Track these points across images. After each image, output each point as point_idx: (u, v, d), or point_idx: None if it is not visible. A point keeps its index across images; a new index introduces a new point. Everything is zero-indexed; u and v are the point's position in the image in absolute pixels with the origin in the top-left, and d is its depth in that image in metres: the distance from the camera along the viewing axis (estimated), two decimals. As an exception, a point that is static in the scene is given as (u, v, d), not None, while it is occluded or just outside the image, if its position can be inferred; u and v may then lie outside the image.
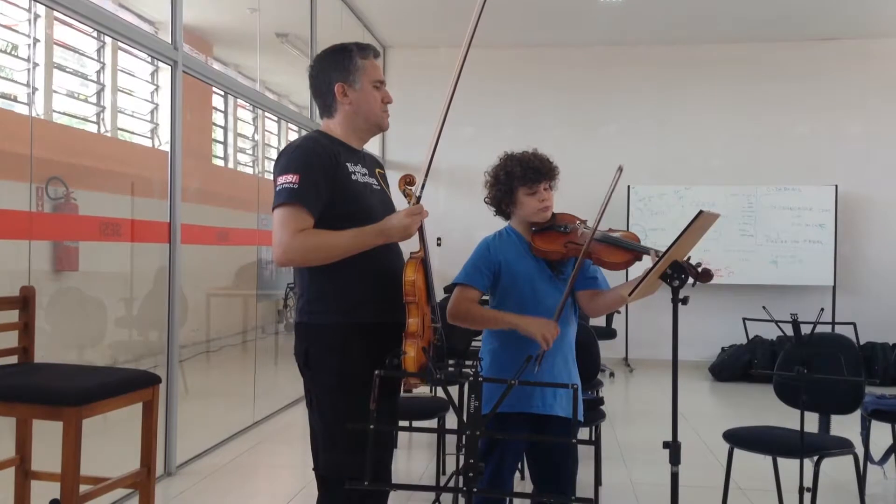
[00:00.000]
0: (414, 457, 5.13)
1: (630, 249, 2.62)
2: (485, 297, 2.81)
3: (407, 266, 2.36)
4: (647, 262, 2.54)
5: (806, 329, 3.28)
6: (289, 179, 2.29)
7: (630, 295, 2.52)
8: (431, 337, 2.42)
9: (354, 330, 2.35)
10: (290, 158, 2.35)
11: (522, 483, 4.06)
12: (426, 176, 2.44)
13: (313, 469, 2.47)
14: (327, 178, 2.33)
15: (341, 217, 2.32)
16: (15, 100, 6.14)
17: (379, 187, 2.55)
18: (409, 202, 2.40)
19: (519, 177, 2.71)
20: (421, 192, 2.42)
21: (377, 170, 2.61)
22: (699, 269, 2.49)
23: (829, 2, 7.70)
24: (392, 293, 2.35)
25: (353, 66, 2.47)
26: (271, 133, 9.25)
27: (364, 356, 2.33)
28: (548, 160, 2.77)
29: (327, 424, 2.37)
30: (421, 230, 2.40)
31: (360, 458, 2.26)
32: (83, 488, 2.64)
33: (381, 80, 2.53)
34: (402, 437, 5.38)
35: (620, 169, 2.61)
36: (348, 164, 2.41)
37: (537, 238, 2.73)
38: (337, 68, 2.47)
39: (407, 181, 2.44)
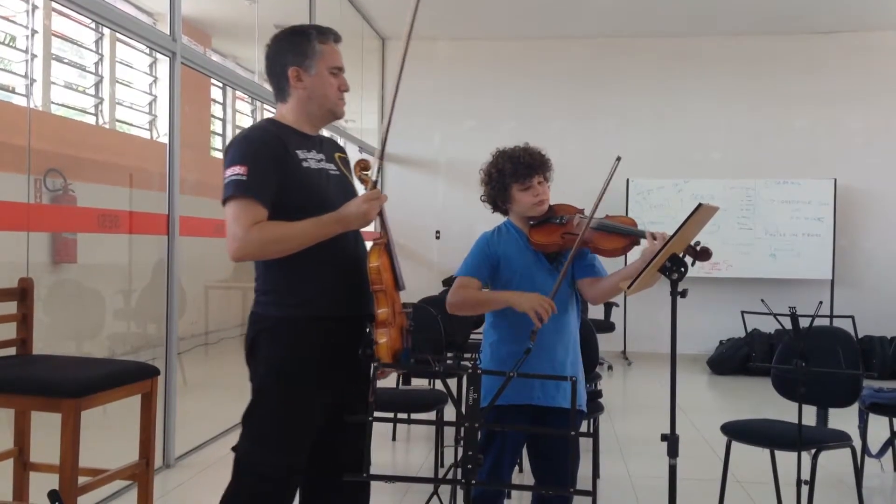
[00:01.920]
0: (412, 449, 5.13)
1: (626, 234, 2.62)
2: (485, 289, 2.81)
3: (370, 253, 2.30)
4: (644, 246, 2.54)
5: (804, 322, 3.28)
6: (237, 171, 2.21)
7: (629, 288, 2.52)
8: (404, 323, 2.36)
9: (305, 323, 2.28)
10: (237, 149, 2.27)
11: (521, 476, 4.06)
12: (381, 159, 2.38)
13: (232, 448, 2.41)
14: (277, 168, 2.26)
15: (295, 207, 2.25)
16: (13, 91, 6.13)
17: (338, 172, 2.46)
18: (366, 187, 2.32)
19: (510, 173, 2.70)
20: (377, 175, 2.36)
21: (337, 154, 2.52)
22: (697, 248, 2.49)
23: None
24: (353, 283, 2.30)
25: (310, 49, 2.37)
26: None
27: (313, 350, 2.27)
28: (539, 153, 2.76)
29: (258, 413, 2.31)
30: (381, 215, 2.34)
31: (288, 453, 2.26)
32: (82, 480, 2.65)
33: (340, 67, 2.43)
34: (401, 429, 5.39)
35: (618, 159, 2.61)
36: (299, 152, 2.33)
37: (534, 232, 2.73)
38: (293, 51, 2.37)
39: (362, 166, 2.39)
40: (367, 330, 2.28)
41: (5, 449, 3.01)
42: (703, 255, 2.49)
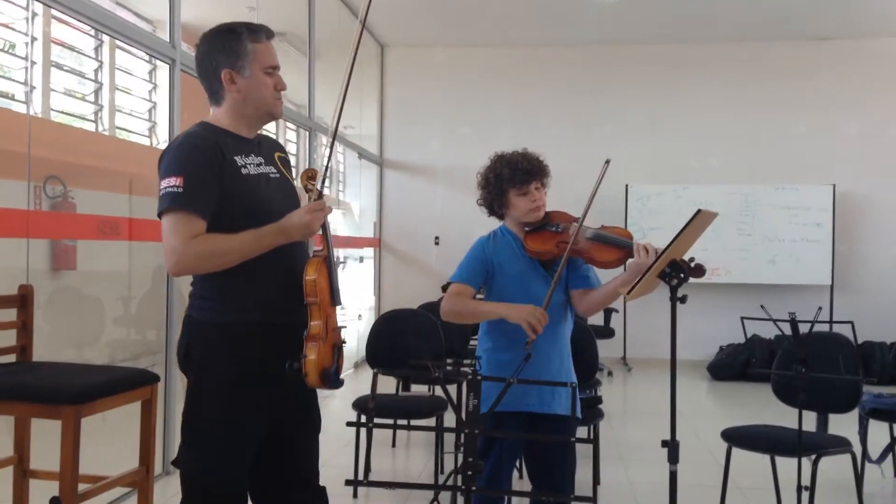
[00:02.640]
0: (412, 456, 5.13)
1: (619, 246, 2.61)
2: (480, 296, 2.81)
3: (308, 265, 2.22)
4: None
5: (804, 328, 3.28)
6: (171, 183, 2.12)
7: (628, 294, 2.52)
8: (337, 339, 2.29)
9: (241, 328, 2.22)
10: (171, 159, 2.18)
11: (521, 482, 4.06)
12: (326, 169, 2.30)
13: (172, 462, 2.40)
14: (214, 178, 2.16)
15: (236, 215, 2.17)
16: (12, 98, 6.13)
17: (278, 175, 2.36)
18: (310, 198, 2.24)
19: (508, 178, 2.70)
20: (322, 186, 2.27)
21: (277, 154, 2.42)
22: (692, 265, 2.49)
23: (826, 1, 7.70)
24: (290, 294, 2.22)
25: (241, 49, 2.25)
26: (269, 131, 9.24)
27: (250, 357, 2.21)
28: (537, 159, 2.76)
29: (197, 423, 2.26)
30: (325, 227, 2.26)
31: (227, 462, 2.23)
32: (82, 487, 2.64)
33: (275, 66, 2.31)
34: (401, 435, 5.38)
35: (607, 162, 2.61)
36: (237, 158, 2.24)
37: (530, 239, 2.72)
38: (224, 51, 2.25)
39: (308, 175, 2.29)
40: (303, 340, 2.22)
41: (5, 456, 3.00)
42: (697, 271, 2.48)
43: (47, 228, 4.30)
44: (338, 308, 2.34)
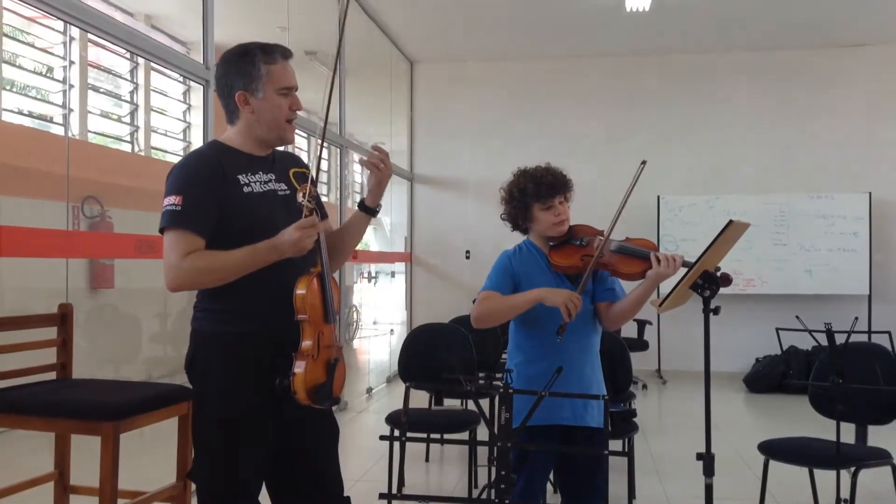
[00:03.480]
0: (446, 470, 5.12)
1: (641, 258, 2.60)
2: None
3: (299, 281, 2.22)
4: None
5: (840, 338, 3.24)
6: (171, 201, 2.18)
7: (660, 306, 2.51)
8: (331, 356, 2.28)
9: (244, 340, 2.25)
10: (174, 179, 2.23)
11: (556, 496, 4.04)
12: (314, 185, 2.28)
13: (186, 475, 2.40)
14: (214, 195, 2.21)
15: (238, 232, 2.21)
16: (51, 121, 6.28)
17: (287, 192, 2.37)
18: (304, 214, 2.22)
19: (532, 193, 2.71)
20: (313, 203, 2.24)
21: (293, 170, 2.40)
22: (718, 274, 2.47)
23: (862, 8, 7.62)
24: (289, 307, 2.23)
25: (255, 72, 2.29)
26: (301, 150, 9.34)
27: (249, 368, 2.24)
28: (561, 174, 2.76)
29: (205, 434, 2.30)
30: (319, 243, 2.26)
31: (235, 472, 2.25)
32: (121, 502, 2.69)
33: (290, 87, 2.33)
34: (434, 450, 5.38)
35: (643, 163, 2.61)
36: (241, 176, 2.27)
37: (554, 253, 2.72)
38: (239, 73, 2.30)
39: (303, 192, 2.27)
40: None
41: (46, 472, 3.06)
42: (724, 280, 2.47)
43: (86, 248, 4.38)
44: (334, 325, 2.35)
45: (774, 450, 3.57)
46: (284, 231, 2.19)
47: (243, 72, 2.30)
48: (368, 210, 2.47)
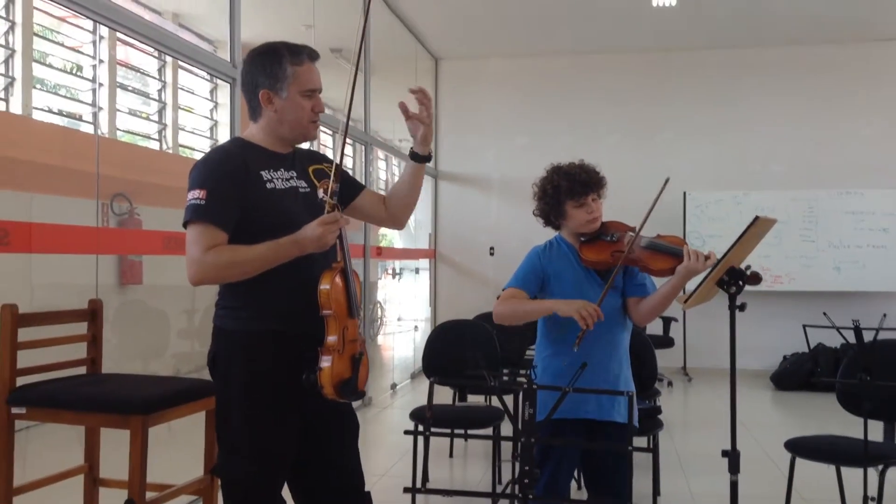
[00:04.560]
0: (470, 466, 5.14)
1: (672, 254, 2.60)
2: None
3: (322, 276, 2.24)
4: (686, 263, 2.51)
5: (868, 335, 3.21)
6: (196, 195, 2.20)
7: (686, 302, 2.51)
8: (356, 351, 2.30)
9: (265, 337, 2.27)
10: (198, 173, 2.25)
11: (579, 493, 4.04)
12: (336, 182, 2.28)
13: (211, 470, 2.42)
14: (237, 190, 2.23)
15: (261, 228, 2.22)
16: (80, 119, 6.36)
17: (308, 189, 2.39)
18: (326, 210, 2.24)
19: (566, 190, 2.72)
20: (335, 199, 2.26)
21: (312, 167, 2.45)
22: (748, 273, 2.46)
23: (891, 2, 7.52)
24: (311, 303, 2.24)
25: (281, 72, 2.31)
26: (326, 147, 9.39)
27: (273, 365, 2.26)
28: (594, 171, 2.77)
29: (229, 430, 2.32)
30: (341, 239, 2.27)
31: (259, 468, 2.26)
32: (150, 495, 2.73)
33: (314, 89, 2.36)
34: (458, 445, 5.40)
35: (667, 181, 2.61)
36: (263, 173, 2.30)
37: (585, 248, 2.73)
38: (264, 73, 2.32)
39: (324, 188, 2.29)
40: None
41: (76, 465, 3.11)
42: (753, 279, 2.46)
43: (115, 244, 4.44)
44: (358, 319, 2.36)
45: (801, 447, 3.55)
46: (307, 226, 2.20)
47: (269, 71, 2.32)
48: (420, 158, 2.49)
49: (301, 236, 2.19)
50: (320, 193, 2.30)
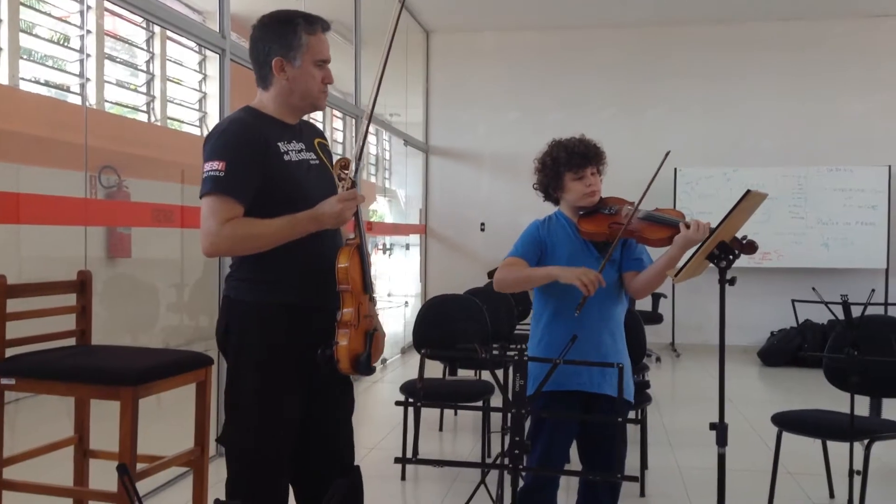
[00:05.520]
0: (459, 439, 5.17)
1: (669, 225, 2.60)
2: None
3: (340, 253, 2.26)
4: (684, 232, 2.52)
5: (857, 311, 3.23)
6: (214, 167, 2.18)
7: (676, 276, 2.51)
8: (369, 326, 2.33)
9: (277, 309, 2.27)
10: (215, 143, 2.24)
11: (570, 466, 4.07)
12: (359, 160, 2.33)
13: (216, 439, 2.43)
14: (256, 163, 2.22)
15: (276, 200, 2.22)
16: (68, 90, 6.29)
17: (317, 162, 2.41)
18: (342, 187, 2.25)
19: (565, 162, 2.73)
20: (355, 175, 2.28)
21: (317, 140, 2.47)
22: (744, 241, 2.47)
23: (883, -23, 7.50)
24: (324, 278, 2.26)
25: (296, 41, 2.29)
26: (316, 120, 9.33)
27: (285, 337, 2.27)
28: (594, 145, 2.79)
29: (236, 400, 2.33)
30: (357, 216, 2.30)
31: (267, 439, 2.29)
32: (140, 466, 2.73)
33: (326, 59, 2.35)
34: (448, 420, 5.43)
35: (668, 154, 2.63)
36: (280, 144, 2.29)
37: (583, 221, 2.75)
38: (278, 41, 2.30)
39: (342, 165, 2.29)
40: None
41: (66, 437, 3.11)
42: (749, 248, 2.47)
43: (104, 216, 4.41)
44: (372, 296, 2.39)
45: (788, 421, 3.58)
46: (326, 202, 2.21)
47: (283, 39, 2.30)
48: None
49: (320, 212, 2.20)
50: (337, 170, 2.29)
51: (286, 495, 2.40)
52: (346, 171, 2.27)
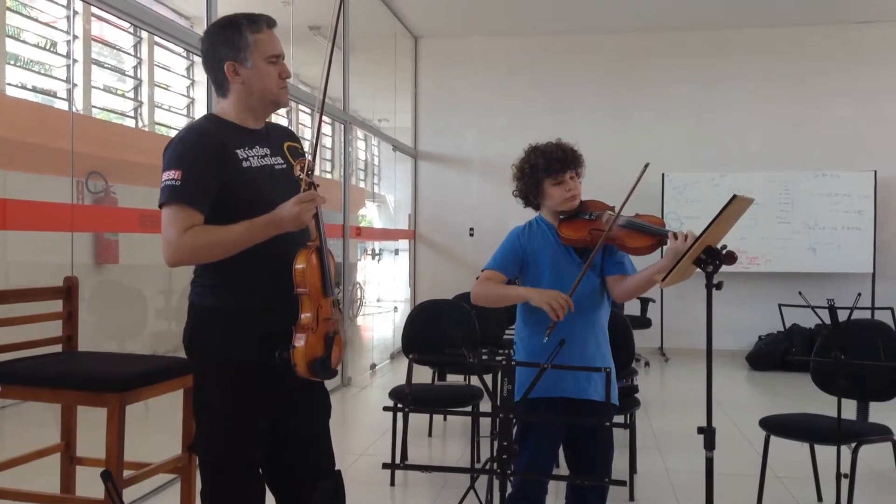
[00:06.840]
0: (448, 445, 5.16)
1: (652, 234, 2.61)
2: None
3: (298, 255, 2.24)
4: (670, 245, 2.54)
5: (843, 315, 3.24)
6: (171, 176, 2.17)
7: (663, 281, 2.52)
8: (330, 329, 2.30)
9: (242, 314, 2.27)
10: (172, 153, 2.22)
11: (558, 472, 4.07)
12: (313, 159, 2.29)
13: (188, 447, 2.42)
14: (213, 170, 2.20)
15: (237, 207, 2.21)
16: (55, 96, 6.27)
17: (283, 166, 2.38)
18: (302, 188, 2.24)
19: (543, 168, 2.73)
20: (311, 176, 2.25)
21: (287, 143, 2.44)
22: (723, 252, 2.48)
23: (868, -16, 7.56)
24: (287, 281, 2.25)
25: (242, 41, 2.27)
26: (305, 126, 9.33)
27: (249, 342, 2.26)
28: (571, 149, 2.78)
29: (205, 407, 2.33)
30: (318, 217, 2.27)
31: (236, 444, 2.28)
32: (127, 473, 2.72)
33: (277, 54, 2.33)
34: (437, 426, 5.42)
35: (646, 165, 2.64)
36: (239, 151, 2.27)
37: (563, 226, 2.74)
38: (226, 45, 2.28)
39: (301, 166, 2.27)
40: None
41: (53, 444, 3.09)
42: (729, 258, 2.47)
43: (91, 222, 4.39)
44: (336, 299, 2.37)
45: (775, 425, 3.59)
46: (284, 205, 2.19)
47: (230, 42, 2.29)
48: None
49: (278, 215, 2.19)
50: (297, 171, 2.28)
51: (261, 501, 2.39)
52: (303, 174, 2.26)
